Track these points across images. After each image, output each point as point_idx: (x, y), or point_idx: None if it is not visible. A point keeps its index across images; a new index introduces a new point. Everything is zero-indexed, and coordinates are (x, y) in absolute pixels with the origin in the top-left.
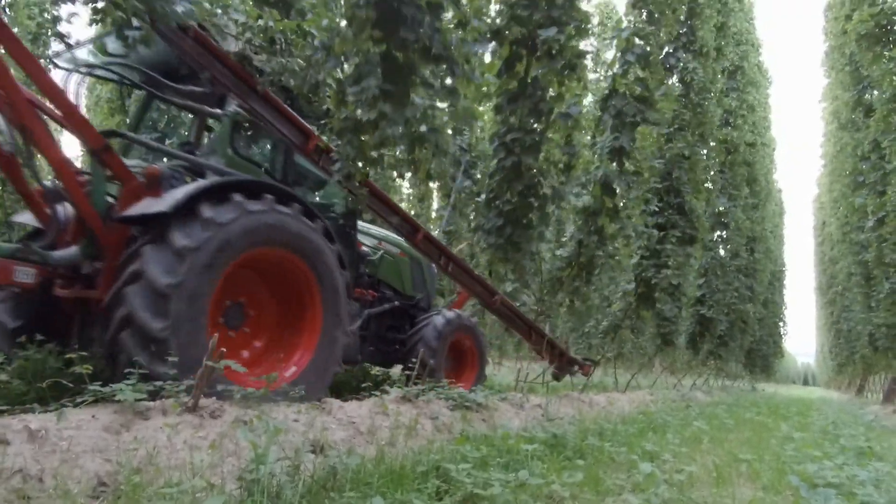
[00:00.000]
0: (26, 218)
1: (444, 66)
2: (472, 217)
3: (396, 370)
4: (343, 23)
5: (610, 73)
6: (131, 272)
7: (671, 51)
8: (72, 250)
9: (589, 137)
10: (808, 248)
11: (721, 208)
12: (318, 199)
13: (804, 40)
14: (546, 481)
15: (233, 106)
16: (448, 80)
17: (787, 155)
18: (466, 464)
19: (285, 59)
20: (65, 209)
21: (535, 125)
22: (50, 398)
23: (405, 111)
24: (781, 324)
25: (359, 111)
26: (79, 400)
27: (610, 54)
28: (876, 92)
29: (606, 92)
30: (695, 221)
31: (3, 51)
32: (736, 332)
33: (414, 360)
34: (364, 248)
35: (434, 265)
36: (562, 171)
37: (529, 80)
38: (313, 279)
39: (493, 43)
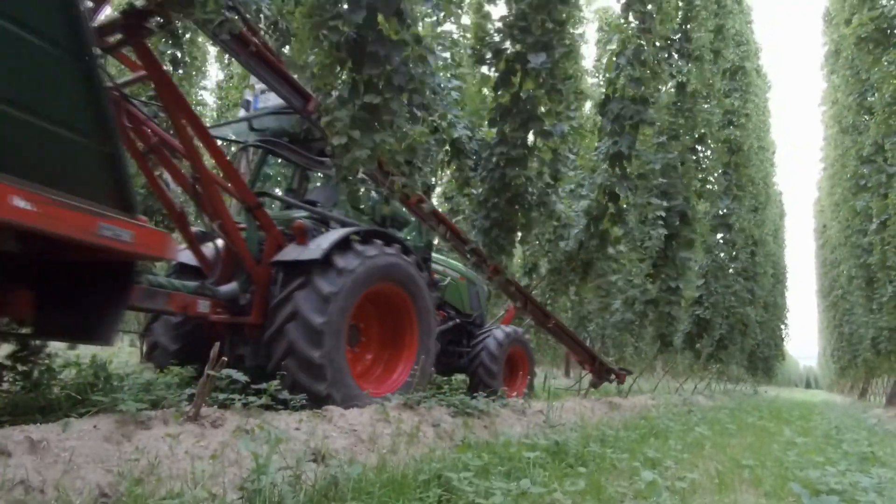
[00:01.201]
0: (184, 257)
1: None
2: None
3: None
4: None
5: (607, 75)
6: (295, 293)
7: (665, 56)
8: (233, 286)
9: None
10: (810, 250)
11: (723, 211)
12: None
13: (805, 41)
14: (548, 490)
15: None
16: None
17: (789, 155)
18: (468, 472)
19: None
20: (216, 252)
21: (524, 140)
22: (51, 409)
23: (373, 136)
24: (783, 326)
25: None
26: (81, 410)
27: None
28: (878, 95)
29: (604, 97)
30: (694, 225)
31: (189, 129)
32: (736, 334)
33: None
34: (434, 276)
35: (485, 286)
36: (548, 184)
37: (523, 97)
38: (412, 306)
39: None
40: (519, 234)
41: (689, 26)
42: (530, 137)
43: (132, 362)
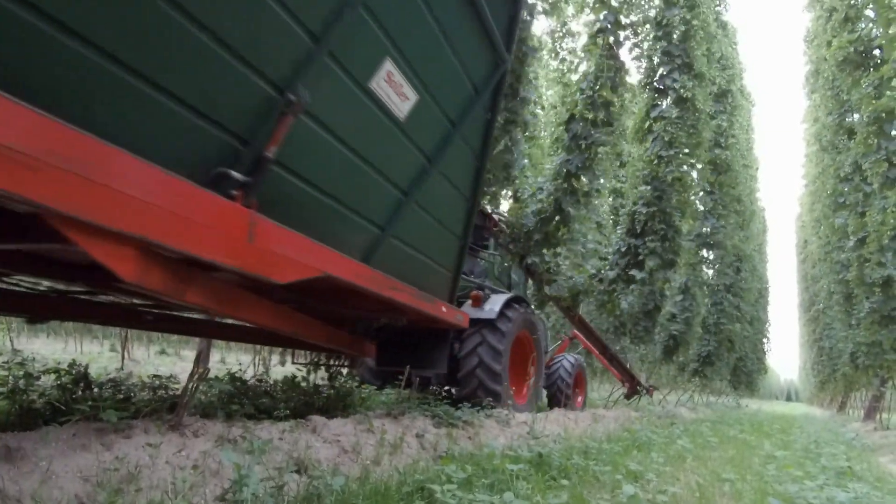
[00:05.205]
0: None
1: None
2: None
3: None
4: None
5: (577, 96)
6: (478, 342)
7: (666, 72)
8: None
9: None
10: (792, 264)
11: (706, 229)
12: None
13: (790, 59)
14: (531, 503)
15: (507, 261)
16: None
17: (773, 169)
18: (451, 484)
19: None
20: None
21: None
22: (29, 416)
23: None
24: (765, 340)
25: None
26: (61, 419)
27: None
28: (857, 115)
29: (569, 115)
30: (676, 247)
31: None
32: (722, 350)
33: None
34: None
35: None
36: None
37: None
38: (532, 343)
39: None
40: None
41: (689, 45)
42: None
43: (111, 367)
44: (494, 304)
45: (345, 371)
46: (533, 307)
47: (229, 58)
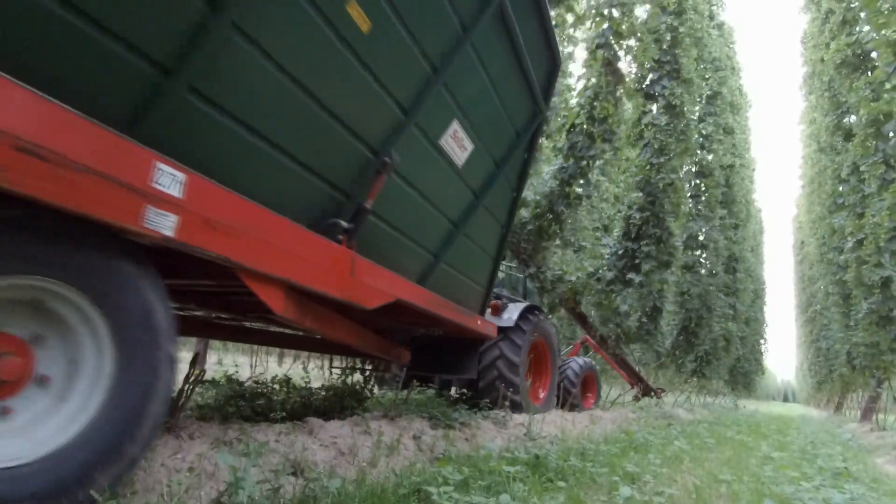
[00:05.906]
0: None
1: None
2: None
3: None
4: None
5: (577, 108)
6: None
7: (656, 78)
8: None
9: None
10: (789, 265)
11: (692, 231)
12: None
13: (786, 57)
14: None
15: (524, 273)
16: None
17: (769, 168)
18: (448, 486)
19: None
20: None
21: None
22: None
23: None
24: (762, 341)
25: None
26: None
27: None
28: (854, 117)
29: (570, 125)
30: (671, 248)
31: None
32: (720, 350)
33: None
34: None
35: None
36: None
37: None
38: (547, 348)
39: None
40: None
41: (677, 51)
42: None
43: None
44: (512, 312)
45: (375, 375)
46: (546, 313)
47: (342, 130)
